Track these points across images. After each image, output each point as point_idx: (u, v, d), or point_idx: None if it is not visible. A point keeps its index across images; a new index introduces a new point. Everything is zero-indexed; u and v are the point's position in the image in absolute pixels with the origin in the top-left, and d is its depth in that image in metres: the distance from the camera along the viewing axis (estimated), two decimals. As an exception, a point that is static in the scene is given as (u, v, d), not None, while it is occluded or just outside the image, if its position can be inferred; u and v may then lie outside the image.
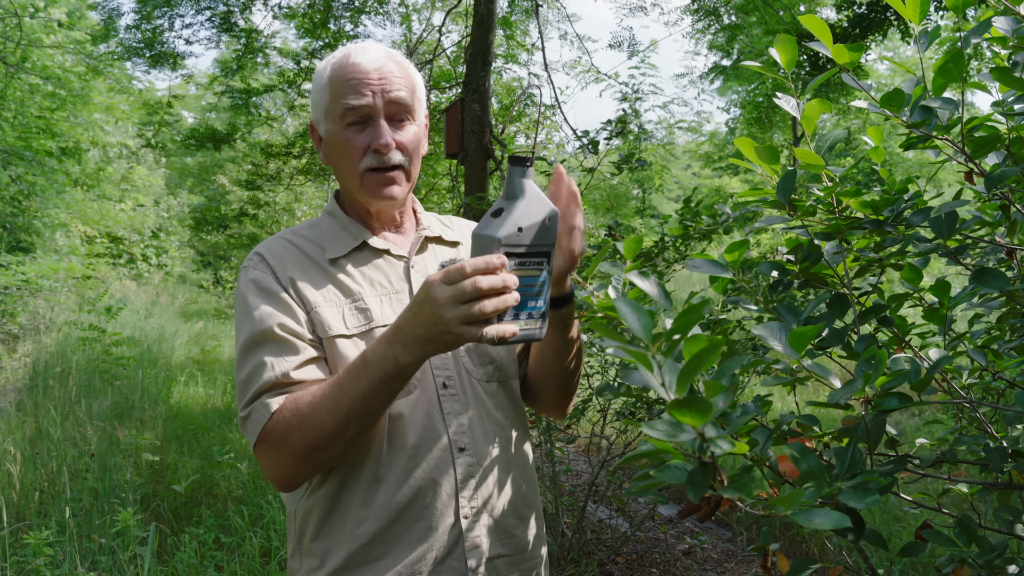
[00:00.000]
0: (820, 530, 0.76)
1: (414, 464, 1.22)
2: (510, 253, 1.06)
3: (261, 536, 3.69)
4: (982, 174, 1.05)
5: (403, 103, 1.25)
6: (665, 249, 3.72)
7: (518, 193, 1.08)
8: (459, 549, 1.22)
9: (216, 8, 7.54)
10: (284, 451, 1.13)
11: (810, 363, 0.88)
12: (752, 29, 9.18)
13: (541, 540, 1.36)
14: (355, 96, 1.23)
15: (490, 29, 5.67)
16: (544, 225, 1.09)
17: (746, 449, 0.71)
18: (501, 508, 1.28)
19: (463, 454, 1.24)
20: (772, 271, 1.17)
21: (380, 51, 1.28)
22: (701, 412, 0.63)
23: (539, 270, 1.10)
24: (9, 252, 11.14)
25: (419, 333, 1.02)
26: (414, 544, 1.20)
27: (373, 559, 1.21)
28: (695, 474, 0.68)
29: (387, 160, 1.24)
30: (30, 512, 3.90)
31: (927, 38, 0.99)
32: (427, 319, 1.01)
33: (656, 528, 4.39)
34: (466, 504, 1.23)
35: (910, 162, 16.96)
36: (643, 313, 0.71)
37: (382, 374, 1.06)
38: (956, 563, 1.05)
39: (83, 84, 12.26)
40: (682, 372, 0.67)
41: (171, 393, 6.85)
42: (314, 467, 1.16)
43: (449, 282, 0.99)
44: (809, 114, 1.03)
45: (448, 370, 1.27)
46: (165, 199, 20.71)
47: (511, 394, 1.35)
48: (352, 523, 1.22)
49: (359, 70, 1.24)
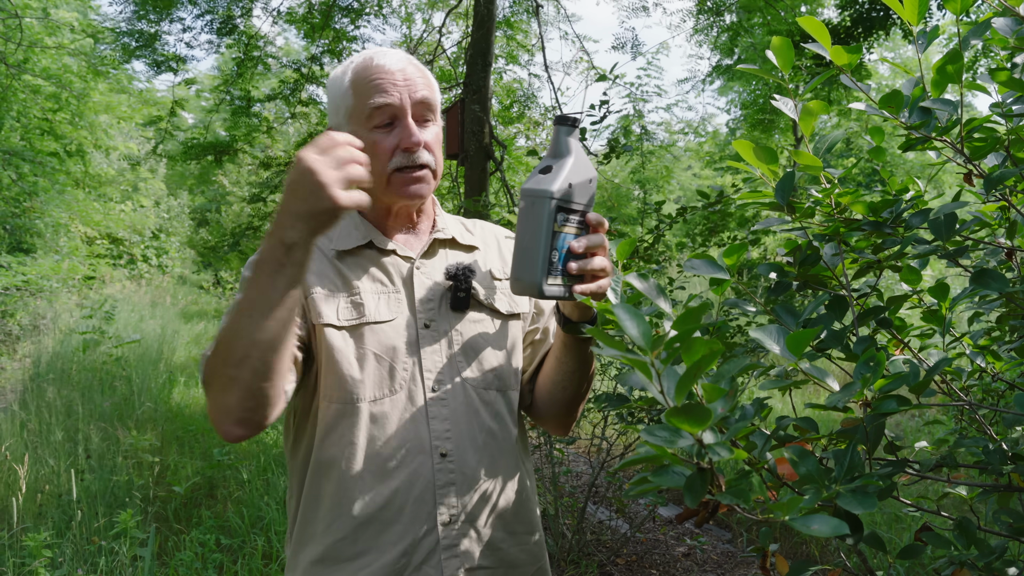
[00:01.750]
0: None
1: (392, 466, 1.21)
2: (560, 208, 1.08)
3: (262, 538, 3.69)
4: (981, 175, 1.04)
5: (428, 103, 1.27)
6: (661, 238, 3.72)
7: (565, 151, 1.11)
8: (436, 557, 1.21)
9: (216, 12, 7.53)
10: (212, 379, 1.08)
11: (808, 366, 0.88)
12: (755, 30, 9.18)
13: (536, 557, 1.34)
14: (382, 95, 1.24)
15: (490, 30, 5.67)
16: (588, 185, 1.12)
17: (744, 455, 0.71)
18: (487, 519, 1.26)
19: (444, 460, 1.23)
20: (771, 273, 1.17)
21: (401, 54, 1.30)
22: (699, 419, 0.63)
23: (577, 228, 1.13)
24: (10, 253, 11.15)
25: (303, 209, 0.99)
26: (390, 547, 1.20)
27: (347, 558, 1.21)
28: (693, 480, 0.68)
29: (416, 159, 1.25)
30: (30, 514, 3.89)
31: (926, 39, 0.99)
32: (308, 191, 0.98)
33: (656, 529, 4.39)
34: (445, 512, 1.22)
35: (911, 163, 16.96)
36: (642, 320, 0.71)
37: (274, 264, 1.01)
38: (955, 566, 1.04)
39: (84, 85, 12.26)
40: (681, 380, 0.67)
41: (171, 394, 6.85)
42: (243, 389, 1.06)
43: (322, 151, 1.00)
44: (807, 116, 1.02)
45: (441, 374, 1.26)
46: (166, 200, 20.72)
47: (510, 404, 1.33)
48: (328, 518, 1.22)
49: (384, 71, 1.25)
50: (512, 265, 1.12)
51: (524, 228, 1.10)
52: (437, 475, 1.22)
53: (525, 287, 1.10)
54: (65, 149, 13.37)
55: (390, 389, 1.23)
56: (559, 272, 1.11)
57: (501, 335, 1.33)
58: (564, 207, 1.09)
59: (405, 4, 9.34)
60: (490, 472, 1.27)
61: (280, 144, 11.14)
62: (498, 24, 7.57)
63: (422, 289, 1.29)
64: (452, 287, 1.29)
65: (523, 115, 8.79)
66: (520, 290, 1.12)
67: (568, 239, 1.12)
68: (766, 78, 1.06)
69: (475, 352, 1.29)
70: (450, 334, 1.28)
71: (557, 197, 1.07)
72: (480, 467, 1.25)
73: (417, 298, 1.28)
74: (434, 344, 1.27)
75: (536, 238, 1.09)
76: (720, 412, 0.69)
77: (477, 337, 1.30)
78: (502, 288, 1.36)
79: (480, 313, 1.32)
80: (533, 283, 1.09)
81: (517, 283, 1.11)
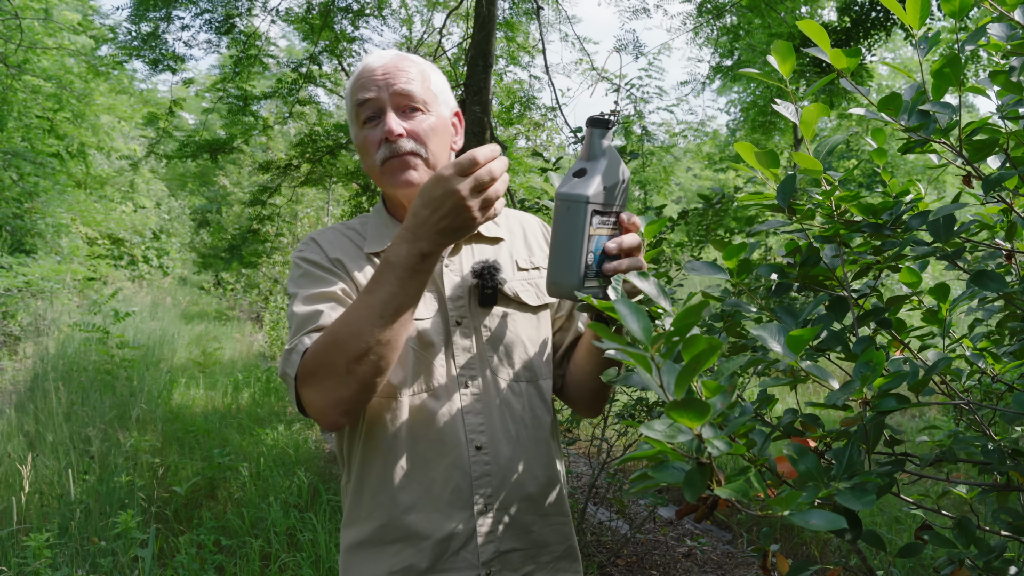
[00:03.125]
0: (819, 531, 0.77)
1: (430, 458, 1.27)
2: (596, 211, 1.10)
3: (261, 539, 3.70)
4: (980, 177, 1.05)
5: (409, 94, 1.30)
6: (663, 241, 3.72)
7: (599, 154, 1.13)
8: (472, 543, 1.27)
9: (215, 11, 7.51)
10: (326, 372, 1.15)
11: (809, 364, 0.89)
12: (755, 31, 9.18)
13: (566, 536, 1.39)
14: (364, 92, 1.30)
15: (492, 31, 5.67)
16: (622, 186, 1.14)
17: (743, 450, 0.71)
18: (519, 505, 1.31)
19: (479, 452, 1.28)
20: (771, 274, 1.17)
21: (390, 53, 1.35)
22: (699, 413, 0.64)
23: (611, 230, 1.15)
24: (11, 254, 11.15)
25: (443, 225, 1.09)
26: (429, 534, 1.26)
27: (388, 541, 1.28)
28: (692, 474, 0.68)
29: (398, 148, 1.29)
30: (31, 514, 3.90)
31: (927, 43, 0.99)
32: (451, 211, 1.08)
33: (656, 530, 4.39)
34: (481, 501, 1.27)
35: (912, 164, 16.96)
36: (642, 315, 0.71)
37: (408, 271, 1.11)
38: (955, 564, 1.05)
39: (85, 85, 12.26)
40: (680, 373, 0.67)
41: (172, 395, 6.86)
42: (359, 383, 1.14)
43: (464, 173, 1.07)
44: (807, 119, 1.03)
45: (473, 369, 1.31)
46: (166, 201, 20.73)
47: (541, 394, 1.37)
48: (371, 505, 1.29)
49: (367, 70, 1.32)
50: (548, 268, 1.14)
51: (560, 232, 1.12)
52: (473, 467, 1.27)
53: (563, 290, 1.13)
54: (67, 150, 13.38)
55: (428, 384, 1.29)
56: (595, 274, 1.13)
57: (530, 326, 1.37)
58: (599, 210, 1.11)
59: (405, 5, 9.34)
60: (523, 460, 1.32)
61: (280, 144, 11.12)
62: (499, 26, 7.57)
63: (451, 287, 1.34)
64: (479, 284, 1.33)
65: (523, 116, 8.79)
66: (557, 293, 1.14)
67: (603, 241, 1.14)
68: (767, 81, 1.07)
69: (505, 346, 1.33)
70: (480, 330, 1.33)
71: (592, 201, 1.09)
72: (514, 457, 1.31)
73: (447, 296, 1.33)
74: (465, 340, 1.32)
75: (572, 242, 1.10)
76: (719, 408, 0.69)
77: (506, 331, 1.34)
78: (528, 279, 1.39)
79: (508, 307, 1.36)
80: (570, 287, 1.11)
81: (554, 286, 1.13)
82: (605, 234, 1.14)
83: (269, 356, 9.82)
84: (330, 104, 11.61)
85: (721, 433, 0.69)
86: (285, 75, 8.21)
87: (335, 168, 8.19)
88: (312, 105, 8.82)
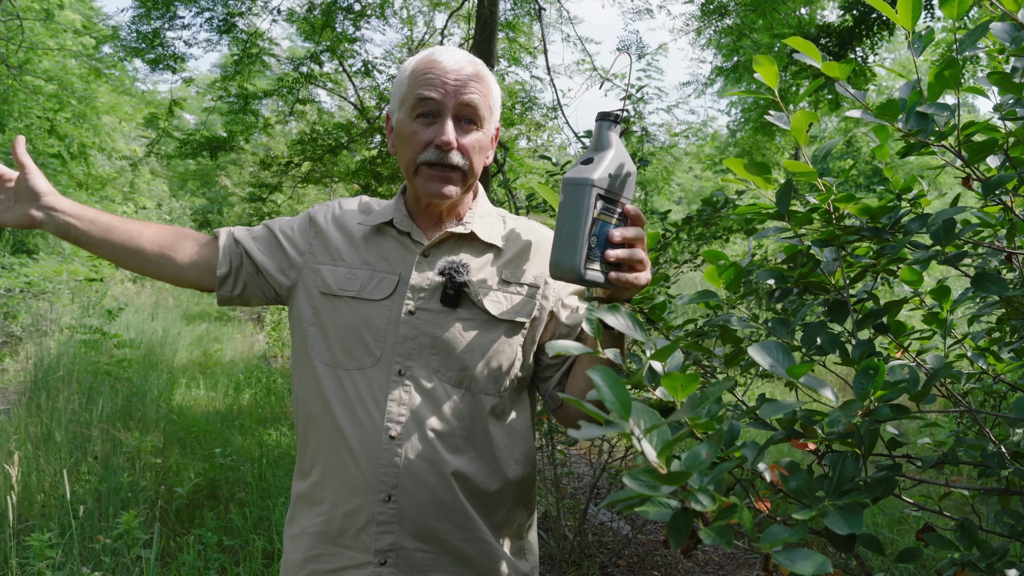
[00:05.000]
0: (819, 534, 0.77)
1: (352, 435, 1.30)
2: (600, 196, 1.12)
3: (264, 538, 3.70)
4: (979, 179, 1.05)
5: (473, 106, 1.31)
6: (667, 246, 3.72)
7: (606, 144, 1.15)
8: (371, 528, 1.29)
9: (215, 11, 7.50)
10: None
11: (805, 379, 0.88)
12: (758, 31, 9.17)
13: (492, 556, 1.33)
14: (429, 89, 1.29)
15: (494, 32, 5.66)
16: (627, 176, 1.16)
17: (727, 502, 0.70)
18: (429, 509, 1.28)
19: (392, 442, 1.28)
20: (770, 279, 1.17)
21: (463, 56, 1.34)
22: (682, 480, 0.63)
23: (616, 219, 1.17)
24: (12, 254, 11.16)
25: None
26: (341, 504, 1.31)
27: (315, 502, 1.36)
28: (676, 519, 0.67)
29: (446, 159, 1.30)
30: (33, 514, 3.90)
31: (921, 43, 0.99)
32: None
33: (657, 531, 4.39)
34: (384, 490, 1.28)
35: (911, 164, 16.93)
36: (619, 385, 0.69)
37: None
38: (957, 566, 1.05)
39: (86, 86, 12.27)
40: (662, 448, 0.66)
41: (173, 395, 6.86)
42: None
43: None
44: (796, 126, 1.02)
45: (411, 361, 1.31)
46: (167, 201, 20.75)
47: (478, 407, 1.32)
48: (309, 463, 1.38)
49: (439, 67, 1.30)
50: (552, 251, 1.13)
51: (564, 215, 1.13)
52: (382, 454, 1.28)
53: (565, 271, 1.12)
54: (68, 150, 13.38)
55: (362, 363, 1.31)
56: (598, 258, 1.13)
57: (486, 337, 1.33)
58: (604, 196, 1.13)
59: (407, 6, 9.34)
60: (439, 465, 1.29)
61: (281, 143, 11.12)
62: (500, 26, 7.56)
63: (418, 277, 1.34)
64: (443, 283, 1.32)
65: (525, 117, 8.79)
66: (559, 274, 1.13)
67: (607, 227, 1.15)
68: (759, 97, 1.07)
69: (451, 348, 1.31)
70: (431, 325, 1.32)
71: (597, 185, 1.11)
72: (429, 458, 1.28)
73: (410, 284, 1.33)
74: (412, 331, 1.31)
75: (576, 224, 1.11)
76: (704, 458, 0.68)
77: (458, 334, 1.32)
78: (508, 292, 1.36)
79: (470, 312, 1.33)
80: (573, 267, 1.11)
81: (556, 267, 1.13)
82: (609, 221, 1.15)
83: (270, 357, 9.83)
84: (331, 104, 11.62)
85: (706, 481, 0.68)
86: (286, 75, 8.21)
87: (336, 167, 8.20)
88: (313, 104, 8.82)
